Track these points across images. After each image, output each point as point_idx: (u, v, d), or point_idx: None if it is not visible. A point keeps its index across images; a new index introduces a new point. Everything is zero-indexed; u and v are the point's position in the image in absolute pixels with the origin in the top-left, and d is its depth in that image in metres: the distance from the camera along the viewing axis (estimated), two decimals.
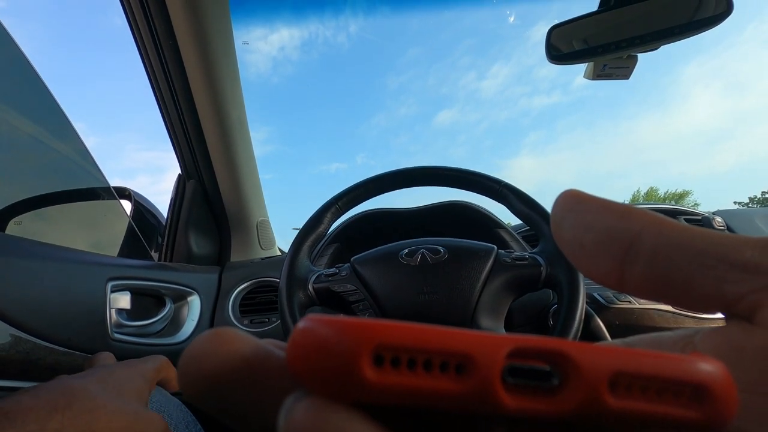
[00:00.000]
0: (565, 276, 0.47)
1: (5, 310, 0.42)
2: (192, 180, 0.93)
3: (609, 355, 0.08)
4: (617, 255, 0.10)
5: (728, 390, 0.08)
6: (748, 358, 0.09)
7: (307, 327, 0.08)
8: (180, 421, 0.39)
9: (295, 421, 0.07)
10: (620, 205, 0.11)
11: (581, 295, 0.45)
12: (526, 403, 0.08)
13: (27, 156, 0.78)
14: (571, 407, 0.08)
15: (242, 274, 0.78)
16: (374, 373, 0.07)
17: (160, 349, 0.61)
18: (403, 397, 0.07)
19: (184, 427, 0.39)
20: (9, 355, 0.42)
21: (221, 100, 0.80)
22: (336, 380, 0.07)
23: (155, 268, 0.67)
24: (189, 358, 0.09)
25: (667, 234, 0.10)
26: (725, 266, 0.09)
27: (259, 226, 1.02)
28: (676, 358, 0.08)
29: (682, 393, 0.08)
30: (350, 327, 0.07)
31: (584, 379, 0.08)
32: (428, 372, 0.08)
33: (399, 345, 0.07)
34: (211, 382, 0.08)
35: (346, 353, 0.07)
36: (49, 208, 0.83)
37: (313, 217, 0.58)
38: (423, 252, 0.51)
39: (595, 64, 0.69)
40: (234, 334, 0.09)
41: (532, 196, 0.54)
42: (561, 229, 0.12)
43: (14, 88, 0.73)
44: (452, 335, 0.08)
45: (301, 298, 0.52)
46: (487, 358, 0.07)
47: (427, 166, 0.61)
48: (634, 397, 0.08)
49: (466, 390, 0.07)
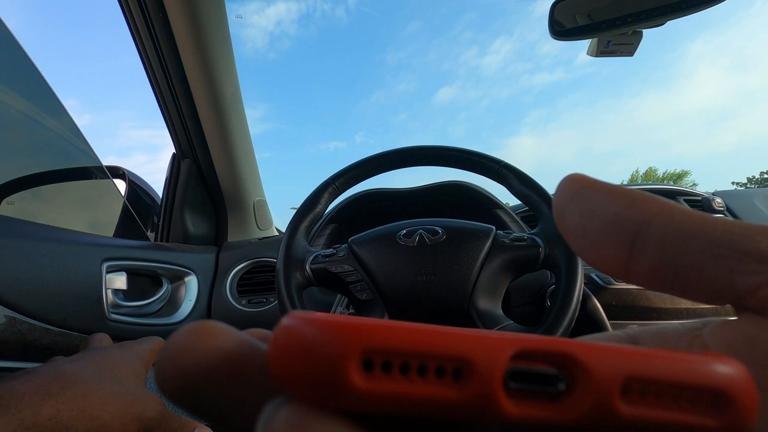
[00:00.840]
0: (563, 257, 0.47)
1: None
2: (187, 159, 0.91)
3: (621, 357, 0.07)
4: (623, 244, 0.10)
5: (750, 395, 0.07)
6: (761, 354, 0.09)
7: (291, 326, 0.07)
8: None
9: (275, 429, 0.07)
10: (627, 190, 0.10)
11: (579, 276, 0.45)
12: (530, 410, 0.07)
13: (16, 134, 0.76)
14: (579, 415, 0.07)
15: (239, 255, 0.78)
16: (363, 379, 0.07)
17: (157, 329, 0.61)
18: (394, 406, 0.07)
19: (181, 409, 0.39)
20: (4, 336, 0.42)
21: (214, 77, 0.78)
22: (321, 387, 0.07)
23: (151, 249, 0.67)
24: (167, 353, 0.08)
25: (678, 222, 0.09)
26: (739, 256, 0.09)
27: (255, 206, 1.01)
28: (693, 360, 0.08)
29: (700, 399, 0.07)
30: (337, 328, 0.07)
31: (594, 384, 0.07)
32: (423, 378, 0.07)
33: (390, 348, 0.07)
34: (188, 379, 0.08)
35: (332, 357, 0.06)
36: (42, 188, 0.82)
37: (311, 197, 0.58)
38: (421, 233, 0.51)
39: (599, 41, 0.67)
40: (217, 327, 0.08)
41: (532, 176, 0.54)
42: (564, 216, 0.11)
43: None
44: (449, 337, 0.07)
45: (299, 278, 0.52)
46: (487, 362, 0.07)
47: (426, 145, 0.60)
48: (647, 403, 0.07)
49: (464, 397, 0.07)
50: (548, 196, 0.52)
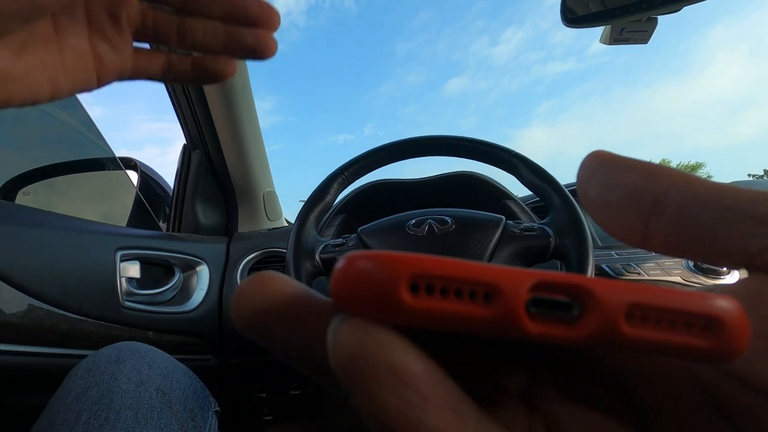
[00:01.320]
0: (574, 247, 0.46)
1: (17, 278, 0.43)
2: (197, 150, 0.92)
3: (627, 289, 0.08)
4: (642, 212, 0.11)
5: (740, 322, 0.08)
6: (766, 306, 0.09)
7: (350, 260, 0.08)
8: (188, 387, 0.40)
9: (340, 337, 0.08)
10: (647, 163, 0.11)
11: (590, 267, 0.45)
12: (547, 329, 0.08)
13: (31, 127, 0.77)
14: (588, 335, 0.08)
15: (250, 245, 0.79)
16: (411, 298, 0.08)
17: (170, 317, 0.62)
18: (436, 321, 0.08)
19: (192, 393, 0.40)
20: (23, 322, 0.43)
21: None
22: (377, 305, 0.08)
23: (164, 238, 0.68)
24: (239, 296, 0.10)
25: (694, 190, 0.10)
26: (751, 221, 0.09)
27: (265, 197, 1.02)
28: (689, 294, 0.09)
29: (695, 324, 0.08)
30: (390, 258, 0.08)
31: (602, 309, 0.08)
32: (459, 299, 0.08)
33: (433, 274, 0.08)
34: (259, 317, 0.09)
35: (386, 281, 0.08)
36: (57, 180, 0.84)
37: (320, 188, 0.58)
38: (430, 222, 0.51)
39: (612, 28, 0.66)
40: (279, 276, 0.10)
41: (542, 166, 0.53)
42: (587, 190, 0.12)
43: None
44: (481, 268, 0.08)
45: (309, 268, 0.52)
46: (512, 288, 0.08)
47: (435, 135, 0.60)
48: (648, 327, 0.08)
49: (492, 316, 0.08)
50: (559, 186, 0.51)
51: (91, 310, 0.50)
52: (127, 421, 0.33)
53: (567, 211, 0.49)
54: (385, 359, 0.08)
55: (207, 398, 0.42)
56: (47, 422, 0.33)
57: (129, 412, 0.33)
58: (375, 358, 0.08)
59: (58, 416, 0.33)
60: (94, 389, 0.35)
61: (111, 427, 0.32)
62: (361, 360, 0.08)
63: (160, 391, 0.36)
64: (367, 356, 0.08)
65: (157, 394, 0.36)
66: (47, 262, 0.47)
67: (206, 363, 0.68)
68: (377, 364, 0.08)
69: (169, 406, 0.36)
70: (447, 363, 0.09)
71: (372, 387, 0.07)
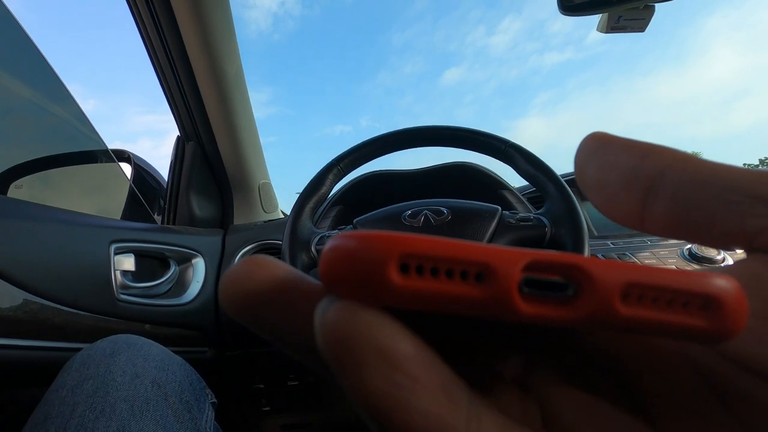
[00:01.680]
0: (570, 237, 0.46)
1: (10, 272, 0.43)
2: (191, 142, 0.91)
3: (622, 268, 0.08)
4: (639, 194, 0.10)
5: (739, 301, 0.08)
6: (765, 286, 0.09)
7: (339, 241, 0.08)
8: (184, 379, 0.40)
9: (328, 317, 0.08)
10: (644, 143, 0.11)
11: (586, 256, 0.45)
12: (541, 310, 0.08)
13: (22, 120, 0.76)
14: (583, 315, 0.08)
15: (245, 237, 0.78)
16: (400, 278, 0.08)
17: (166, 309, 0.62)
18: (426, 302, 0.08)
19: (188, 385, 0.40)
20: (17, 315, 0.42)
21: (216, 56, 0.77)
22: (366, 285, 0.08)
23: (158, 231, 0.68)
24: (229, 279, 0.09)
25: (691, 170, 0.10)
26: (749, 200, 0.09)
27: (261, 188, 1.01)
28: (687, 273, 0.08)
29: (692, 303, 0.08)
30: (379, 238, 0.08)
31: (598, 289, 0.08)
32: (450, 279, 0.08)
33: (423, 254, 0.08)
34: (249, 300, 0.09)
35: (375, 260, 0.08)
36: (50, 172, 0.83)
37: (315, 179, 0.57)
38: (426, 213, 0.51)
39: (609, 16, 0.65)
40: (269, 260, 0.10)
41: (538, 156, 0.53)
42: (585, 171, 0.11)
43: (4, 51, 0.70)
44: (473, 247, 0.08)
45: (305, 259, 0.52)
46: (505, 268, 0.08)
47: (431, 125, 0.59)
48: (644, 306, 0.08)
49: (484, 296, 0.08)
50: (555, 176, 0.51)
51: (86, 303, 0.50)
52: (123, 413, 0.32)
53: (563, 201, 0.49)
54: (373, 340, 0.07)
55: (203, 390, 0.42)
56: (42, 415, 0.33)
57: (124, 405, 0.33)
58: (363, 339, 0.07)
59: (53, 409, 0.33)
60: (89, 382, 0.35)
61: (106, 419, 0.32)
62: (349, 341, 0.07)
63: (155, 384, 0.36)
64: (355, 337, 0.07)
65: (153, 386, 0.36)
66: (41, 256, 0.47)
67: (203, 355, 0.68)
68: (365, 345, 0.07)
69: (165, 398, 0.36)
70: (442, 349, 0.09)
71: (360, 368, 0.07)
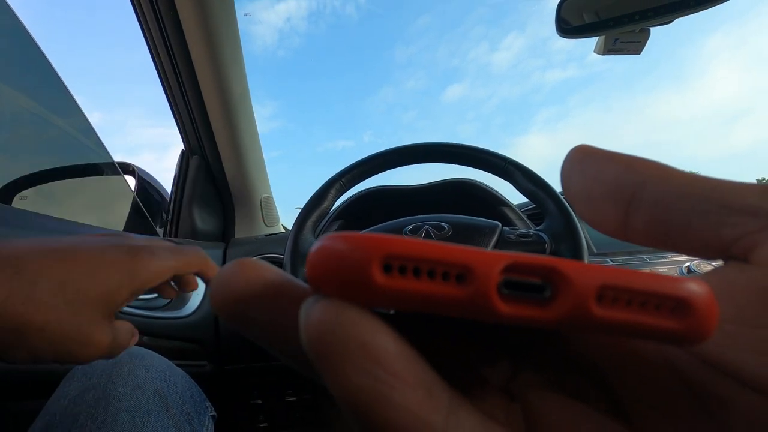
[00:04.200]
0: (569, 253, 0.47)
1: None
2: (195, 156, 0.92)
3: (598, 271, 0.09)
4: (621, 204, 0.11)
5: (708, 305, 0.08)
6: (740, 293, 0.10)
7: (325, 242, 0.09)
8: (185, 391, 0.40)
9: (312, 316, 0.08)
10: (626, 156, 0.11)
11: None
12: (519, 310, 0.08)
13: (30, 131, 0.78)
14: (559, 316, 0.08)
15: (247, 250, 0.79)
16: (383, 278, 0.08)
17: (166, 322, 0.62)
18: (408, 301, 0.08)
19: (189, 397, 0.40)
20: None
21: (223, 75, 0.78)
22: (350, 284, 0.08)
23: None
24: (218, 282, 0.10)
25: (670, 181, 0.10)
26: (726, 211, 0.10)
27: (263, 202, 1.02)
28: (661, 277, 0.09)
29: (664, 305, 0.09)
30: (363, 239, 0.08)
31: (573, 291, 0.08)
32: (431, 279, 0.08)
33: (406, 255, 0.08)
34: (239, 302, 0.09)
35: (359, 261, 0.08)
36: (54, 184, 0.83)
37: (317, 193, 0.58)
38: (427, 228, 0.51)
39: (606, 38, 0.67)
40: (258, 262, 0.10)
41: (538, 174, 0.54)
42: (569, 183, 0.12)
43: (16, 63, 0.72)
44: (454, 249, 0.08)
45: (305, 273, 0.52)
46: (485, 269, 0.08)
47: (432, 142, 0.60)
48: (618, 308, 0.09)
49: (464, 296, 0.08)
50: (554, 193, 0.52)
51: None
52: (124, 424, 0.32)
53: (562, 218, 0.49)
54: (356, 335, 0.08)
55: (204, 402, 0.42)
56: (44, 425, 0.33)
57: (126, 415, 0.33)
58: (346, 335, 0.08)
59: (54, 419, 0.33)
60: (91, 392, 0.35)
61: (108, 429, 0.32)
62: (332, 336, 0.08)
63: (157, 395, 0.36)
64: (338, 332, 0.08)
65: (154, 397, 0.36)
66: None
67: (202, 369, 0.67)
68: (348, 340, 0.07)
69: (166, 410, 0.35)
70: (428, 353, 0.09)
71: (342, 363, 0.07)
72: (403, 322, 0.09)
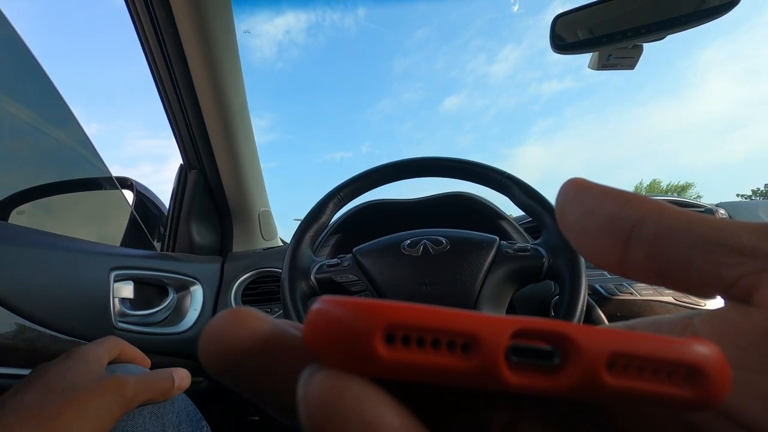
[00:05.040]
0: (567, 267, 0.47)
1: (9, 299, 0.43)
2: (194, 170, 0.92)
3: (608, 337, 0.08)
4: (619, 240, 0.11)
5: (721, 371, 0.08)
6: (744, 337, 0.09)
7: (323, 307, 0.08)
8: (181, 410, 0.39)
9: (313, 389, 0.08)
10: (623, 192, 0.11)
11: (583, 287, 0.45)
12: (528, 380, 0.08)
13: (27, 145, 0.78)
14: (570, 385, 0.08)
15: (244, 265, 0.78)
16: (386, 350, 0.08)
17: (163, 338, 0.61)
18: (413, 373, 0.08)
19: (186, 417, 0.39)
20: (14, 343, 0.42)
21: (223, 91, 0.79)
22: (351, 356, 0.08)
23: (158, 258, 0.68)
24: (209, 335, 0.09)
25: (668, 220, 0.10)
26: (724, 250, 0.10)
27: (261, 216, 1.02)
28: (672, 341, 0.08)
29: (677, 373, 0.08)
30: (364, 307, 0.08)
31: (584, 358, 0.08)
32: (436, 350, 0.08)
33: (409, 324, 0.08)
34: (230, 358, 0.09)
35: (360, 331, 0.08)
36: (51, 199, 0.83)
37: (315, 208, 0.58)
38: (425, 243, 0.51)
39: (600, 54, 0.68)
40: (251, 312, 0.09)
41: (535, 188, 0.54)
42: (565, 216, 0.12)
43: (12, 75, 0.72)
44: (459, 316, 0.08)
45: (303, 288, 0.52)
46: (491, 338, 0.08)
47: (430, 156, 0.61)
48: (630, 376, 0.08)
49: (471, 367, 0.08)
50: (551, 207, 0.52)
51: (84, 331, 0.49)
52: None
53: (559, 232, 0.49)
54: (359, 413, 0.07)
55: (200, 422, 0.41)
56: None
57: None
58: (348, 413, 0.07)
59: None
60: None
61: None
62: (334, 415, 0.07)
63: (153, 415, 0.36)
64: (341, 410, 0.07)
65: (151, 417, 0.35)
66: (41, 282, 0.47)
67: (198, 385, 0.67)
68: (350, 419, 0.07)
69: (163, 430, 0.35)
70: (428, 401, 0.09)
71: None
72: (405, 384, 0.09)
